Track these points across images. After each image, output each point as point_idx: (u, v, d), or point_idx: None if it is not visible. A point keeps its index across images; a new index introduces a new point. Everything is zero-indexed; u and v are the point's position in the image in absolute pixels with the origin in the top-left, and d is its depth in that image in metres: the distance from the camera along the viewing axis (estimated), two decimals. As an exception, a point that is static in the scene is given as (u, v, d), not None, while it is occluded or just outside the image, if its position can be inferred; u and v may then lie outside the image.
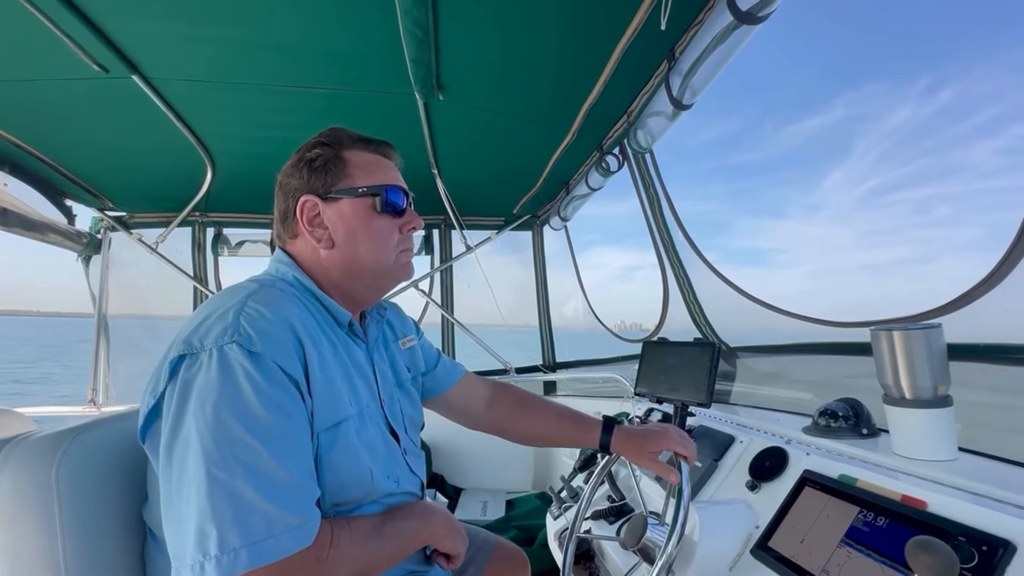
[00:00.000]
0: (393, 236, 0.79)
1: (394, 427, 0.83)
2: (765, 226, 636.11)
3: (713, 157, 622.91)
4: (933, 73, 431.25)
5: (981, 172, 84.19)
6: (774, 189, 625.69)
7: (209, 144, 1.94)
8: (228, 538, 0.53)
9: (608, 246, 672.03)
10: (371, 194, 0.77)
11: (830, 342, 1.34)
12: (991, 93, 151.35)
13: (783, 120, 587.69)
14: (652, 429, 0.96)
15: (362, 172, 0.78)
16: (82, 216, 2.46)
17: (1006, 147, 41.71)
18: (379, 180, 0.78)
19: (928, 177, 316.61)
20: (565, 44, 1.35)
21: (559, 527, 1.36)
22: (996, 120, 48.96)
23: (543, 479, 2.63)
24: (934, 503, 0.67)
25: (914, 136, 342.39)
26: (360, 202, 0.77)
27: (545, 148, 2.03)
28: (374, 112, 1.71)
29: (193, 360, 0.59)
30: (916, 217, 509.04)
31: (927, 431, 0.80)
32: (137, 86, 1.48)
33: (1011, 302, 0.88)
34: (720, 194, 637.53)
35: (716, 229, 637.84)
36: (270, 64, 1.44)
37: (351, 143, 0.79)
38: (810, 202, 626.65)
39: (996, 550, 0.56)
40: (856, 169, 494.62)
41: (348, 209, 0.76)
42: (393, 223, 0.79)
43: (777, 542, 0.81)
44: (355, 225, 0.76)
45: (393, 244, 0.79)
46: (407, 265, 0.83)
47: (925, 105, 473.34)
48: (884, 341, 0.83)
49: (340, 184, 0.77)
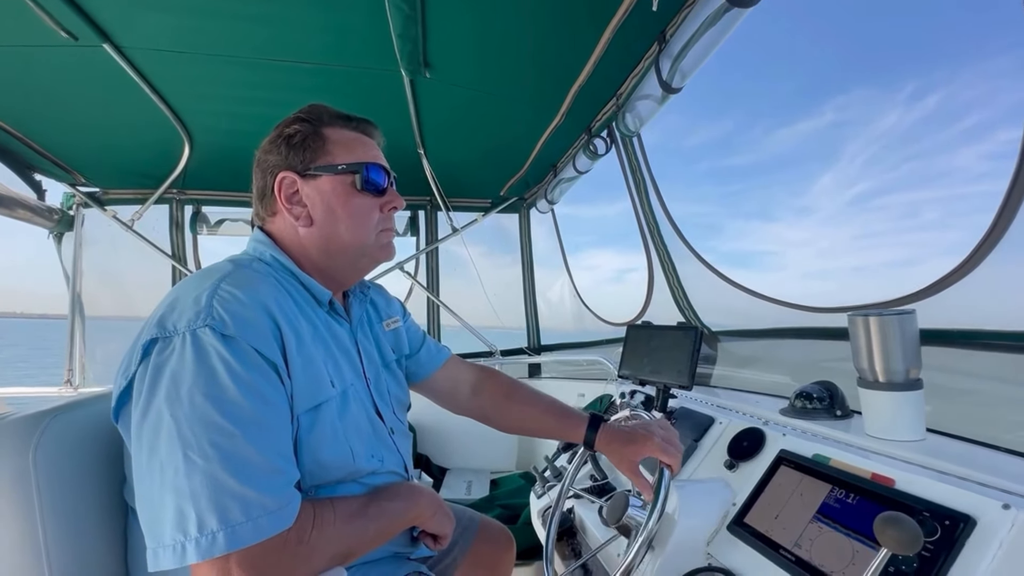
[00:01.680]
0: (373, 215, 0.78)
1: (380, 407, 0.83)
2: (755, 228, 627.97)
3: (705, 159, 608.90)
4: (920, 79, 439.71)
5: (967, 176, 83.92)
6: (764, 191, 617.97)
7: (186, 119, 1.88)
8: (206, 520, 0.52)
9: (601, 248, 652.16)
10: (351, 171, 0.76)
11: (807, 327, 1.38)
12: (976, 99, 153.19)
13: (773, 124, 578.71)
14: (637, 432, 0.90)
15: (342, 149, 0.77)
16: (53, 192, 2.37)
17: (991, 152, 41.85)
18: (360, 158, 0.77)
19: (916, 181, 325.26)
20: (555, 23, 1.33)
21: (542, 505, 1.39)
22: (981, 125, 48.34)
23: (527, 459, 2.67)
24: (902, 481, 0.70)
25: (902, 140, 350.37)
26: (339, 179, 0.76)
27: (533, 129, 2.01)
28: (358, 89, 1.67)
29: (166, 344, 0.58)
30: (903, 221, 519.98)
31: (898, 412, 0.83)
32: (109, 55, 1.42)
33: (983, 290, 0.91)
34: (711, 197, 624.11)
35: (708, 231, 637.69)
36: (250, 37, 1.39)
37: (331, 120, 0.78)
38: (800, 205, 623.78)
39: (957, 524, 0.59)
40: (845, 173, 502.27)
41: (327, 186, 0.75)
42: (374, 202, 0.78)
43: (753, 518, 0.84)
44: (334, 203, 0.75)
45: (373, 223, 0.78)
46: (388, 245, 0.82)
47: (913, 111, 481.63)
48: (860, 326, 0.86)
49: (319, 161, 0.75)
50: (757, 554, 0.77)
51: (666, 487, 0.80)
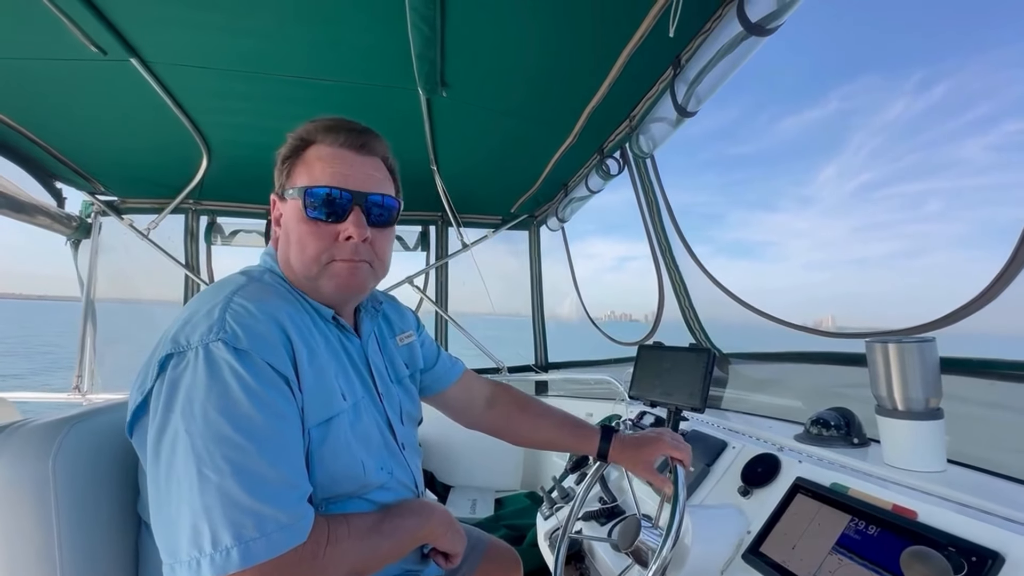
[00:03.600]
0: (319, 243, 0.70)
1: (392, 421, 0.82)
2: (757, 219, 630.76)
3: (708, 149, 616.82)
4: (928, 68, 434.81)
5: (972, 168, 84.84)
6: (767, 183, 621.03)
7: (206, 131, 1.92)
8: (220, 537, 0.52)
9: (602, 236, 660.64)
10: (300, 195, 0.70)
11: (822, 352, 1.36)
12: (984, 90, 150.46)
13: (779, 113, 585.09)
14: (647, 436, 0.97)
15: (304, 169, 0.72)
16: (72, 199, 2.42)
17: (996, 144, 42.11)
18: (314, 180, 0.70)
19: (920, 173, 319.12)
20: (572, 46, 1.36)
21: (550, 527, 1.37)
22: (988, 117, 48.93)
23: (532, 479, 2.64)
24: (924, 513, 0.68)
25: (907, 131, 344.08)
26: (295, 204, 0.72)
27: (546, 149, 2.03)
28: (376, 105, 1.70)
29: (180, 359, 0.58)
30: (908, 212, 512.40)
31: (918, 442, 0.81)
32: (135, 69, 1.46)
33: (1005, 318, 0.90)
34: (714, 185, 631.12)
35: (709, 221, 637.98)
36: (272, 54, 1.42)
37: (322, 135, 0.73)
38: (803, 195, 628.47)
39: (985, 561, 0.57)
40: (850, 164, 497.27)
41: (289, 210, 0.73)
42: (325, 229, 0.70)
43: (769, 548, 0.82)
44: (289, 228, 0.73)
45: (316, 252, 0.70)
46: (341, 275, 0.72)
47: (919, 100, 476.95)
48: (879, 353, 0.85)
49: (290, 182, 0.74)
50: (774, 585, 0.75)
51: (683, 483, 0.82)
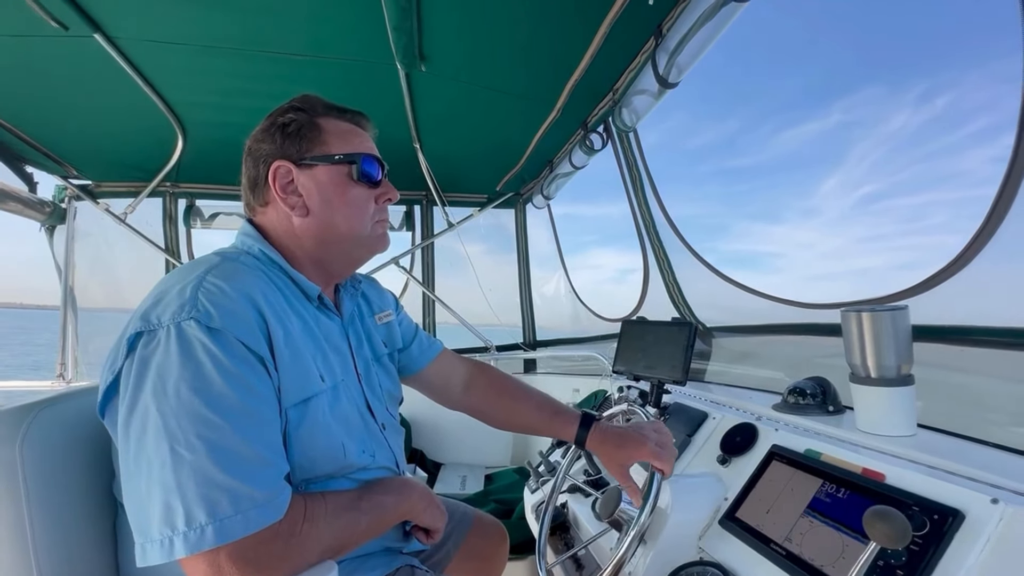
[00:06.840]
0: (369, 206, 0.79)
1: (371, 401, 0.82)
2: (760, 230, 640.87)
3: (710, 160, 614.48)
4: (930, 79, 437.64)
5: (973, 180, 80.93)
6: (769, 192, 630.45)
7: (179, 111, 1.86)
8: (194, 514, 0.52)
9: (604, 247, 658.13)
10: (347, 162, 0.76)
11: (803, 323, 1.38)
12: (984, 102, 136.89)
13: (781, 124, 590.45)
14: (630, 435, 0.88)
15: (338, 140, 0.77)
16: (45, 184, 2.35)
17: (997, 156, 42.58)
18: (355, 148, 0.78)
19: (922, 184, 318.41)
20: (551, 17, 1.32)
21: (536, 500, 1.39)
22: (988, 129, 48.91)
23: (521, 454, 2.68)
24: (892, 475, 0.70)
25: (909, 142, 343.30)
26: (336, 170, 0.76)
27: (529, 124, 2.00)
28: (354, 82, 1.66)
29: (151, 337, 0.57)
30: (909, 224, 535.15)
31: (889, 408, 0.83)
32: (100, 46, 1.40)
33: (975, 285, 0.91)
34: (716, 196, 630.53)
35: (712, 232, 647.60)
36: (244, 27, 1.37)
37: (325, 111, 0.78)
38: (806, 206, 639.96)
39: (946, 518, 0.59)
40: (851, 175, 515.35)
41: (324, 176, 0.75)
42: (369, 193, 0.79)
43: (744, 513, 0.84)
44: (331, 193, 0.75)
45: (368, 214, 0.79)
46: (383, 236, 0.83)
47: (920, 112, 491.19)
48: (853, 321, 0.86)
49: (315, 150, 0.75)
50: (748, 548, 0.77)
51: (656, 491, 0.79)
